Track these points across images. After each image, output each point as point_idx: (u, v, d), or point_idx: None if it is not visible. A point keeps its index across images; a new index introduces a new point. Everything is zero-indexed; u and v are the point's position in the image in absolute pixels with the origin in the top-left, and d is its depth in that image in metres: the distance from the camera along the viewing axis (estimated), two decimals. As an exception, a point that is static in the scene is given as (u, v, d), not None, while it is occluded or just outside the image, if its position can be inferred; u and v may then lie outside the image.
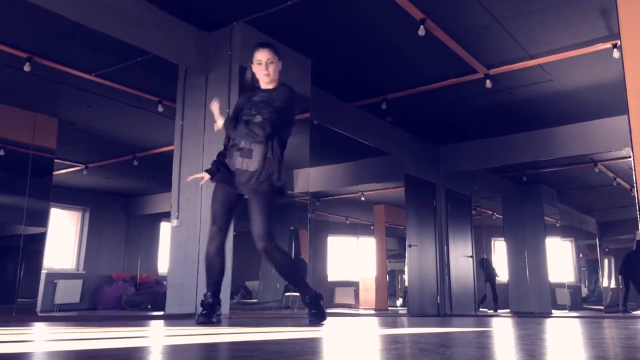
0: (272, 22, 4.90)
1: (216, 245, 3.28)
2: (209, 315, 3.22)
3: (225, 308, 4.53)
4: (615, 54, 5.09)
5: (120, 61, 5.23)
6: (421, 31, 4.77)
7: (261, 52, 3.34)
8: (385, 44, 5.38)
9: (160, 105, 6.02)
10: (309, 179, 5.73)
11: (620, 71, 3.08)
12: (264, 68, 3.33)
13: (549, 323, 4.36)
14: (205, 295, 3.30)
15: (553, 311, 8.33)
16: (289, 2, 4.54)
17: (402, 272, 8.05)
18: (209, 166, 3.41)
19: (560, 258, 8.96)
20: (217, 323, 3.26)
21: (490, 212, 9.42)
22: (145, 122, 6.84)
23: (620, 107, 3.13)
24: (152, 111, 6.16)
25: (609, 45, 5.21)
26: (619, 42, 3.79)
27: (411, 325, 3.96)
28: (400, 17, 4.74)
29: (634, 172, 2.97)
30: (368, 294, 8.66)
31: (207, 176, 3.38)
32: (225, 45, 4.98)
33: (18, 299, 6.21)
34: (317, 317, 3.29)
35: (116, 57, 5.19)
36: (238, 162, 3.25)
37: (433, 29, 4.93)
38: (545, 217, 8.93)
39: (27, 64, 4.98)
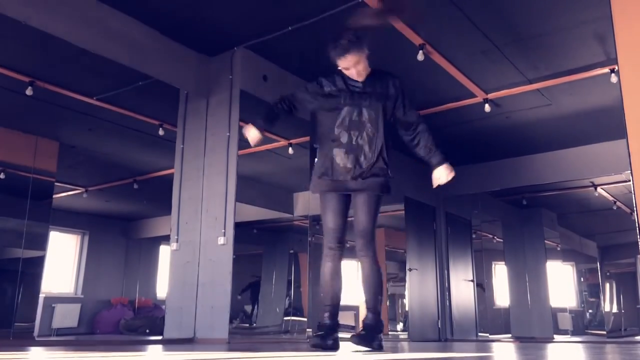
0: (273, 48, 4.95)
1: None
2: (325, 337, 2.98)
3: (223, 332, 4.49)
4: (613, 78, 5.12)
5: (122, 85, 5.27)
6: (420, 56, 4.81)
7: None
8: (385, 69, 5.40)
9: (161, 128, 6.04)
10: (309, 202, 5.73)
11: (618, 95, 3.09)
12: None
13: (550, 348, 4.31)
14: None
15: (555, 336, 8.24)
16: (289, 28, 4.59)
17: (403, 296, 7.99)
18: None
19: (561, 282, 8.90)
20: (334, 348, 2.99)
21: (491, 236, 9.38)
22: (146, 146, 6.86)
23: (618, 131, 3.14)
24: (153, 135, 6.18)
25: (606, 70, 5.24)
26: (616, 67, 3.81)
27: (412, 350, 3.92)
28: (399, 42, 4.78)
29: (633, 195, 2.96)
30: (368, 318, 8.56)
31: None
32: (227, 69, 5.02)
33: (15, 323, 6.16)
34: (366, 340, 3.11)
35: (118, 81, 5.23)
36: None
37: (432, 54, 4.97)
38: (545, 241, 8.89)
39: (30, 87, 5.01)
